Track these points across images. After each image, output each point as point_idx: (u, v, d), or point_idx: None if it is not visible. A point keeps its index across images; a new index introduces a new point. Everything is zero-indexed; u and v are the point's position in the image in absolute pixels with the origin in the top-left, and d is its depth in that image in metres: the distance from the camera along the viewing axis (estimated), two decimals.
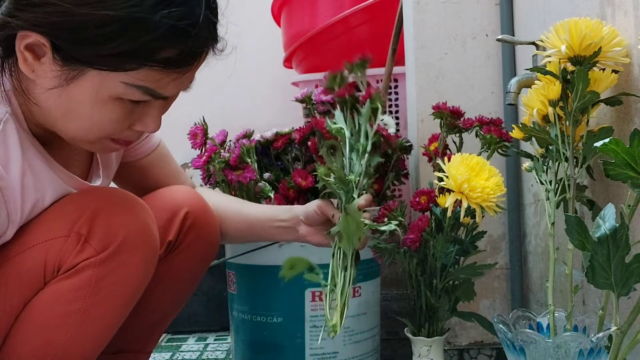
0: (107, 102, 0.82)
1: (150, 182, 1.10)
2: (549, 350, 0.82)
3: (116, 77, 0.80)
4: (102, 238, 0.86)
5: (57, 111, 0.84)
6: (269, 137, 1.45)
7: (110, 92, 0.81)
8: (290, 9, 1.99)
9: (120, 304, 0.90)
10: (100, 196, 0.91)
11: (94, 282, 0.86)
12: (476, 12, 1.45)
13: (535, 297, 1.38)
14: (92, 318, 0.87)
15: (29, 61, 0.81)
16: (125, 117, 0.84)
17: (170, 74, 0.81)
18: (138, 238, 0.89)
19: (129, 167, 1.10)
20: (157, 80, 0.81)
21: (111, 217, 0.87)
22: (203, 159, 1.39)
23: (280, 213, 1.10)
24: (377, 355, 1.39)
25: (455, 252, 1.15)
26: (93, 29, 0.77)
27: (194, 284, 1.13)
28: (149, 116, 0.86)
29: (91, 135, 0.86)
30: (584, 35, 0.84)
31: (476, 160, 1.02)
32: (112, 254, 0.86)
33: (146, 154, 1.10)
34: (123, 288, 0.89)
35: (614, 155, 0.69)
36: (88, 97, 0.81)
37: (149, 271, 0.93)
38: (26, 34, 0.79)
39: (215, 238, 1.11)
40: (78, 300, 0.86)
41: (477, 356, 1.46)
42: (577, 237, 0.75)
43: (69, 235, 0.86)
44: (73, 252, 0.86)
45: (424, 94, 1.45)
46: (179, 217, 1.04)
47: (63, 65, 0.80)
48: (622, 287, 0.73)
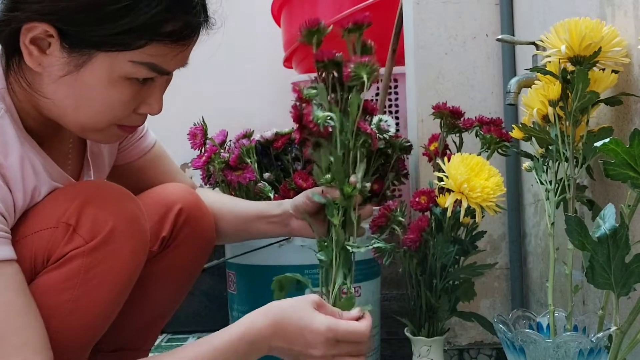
0: (117, 83, 0.84)
1: (148, 184, 1.10)
2: (549, 350, 0.82)
3: (124, 56, 0.82)
4: (90, 227, 0.86)
5: (68, 100, 0.85)
6: (269, 137, 1.45)
7: (119, 72, 0.83)
8: (290, 9, 1.99)
9: (110, 294, 0.90)
10: (89, 187, 0.91)
11: (84, 272, 0.86)
12: (476, 12, 1.45)
13: (535, 297, 1.38)
14: (83, 308, 0.87)
15: (35, 55, 0.82)
16: (133, 97, 0.86)
17: (175, 48, 0.84)
18: (127, 227, 0.89)
19: (125, 170, 1.11)
20: (163, 55, 0.84)
21: (99, 207, 0.88)
22: (203, 159, 1.39)
23: (272, 209, 1.10)
24: (377, 355, 1.39)
25: (455, 252, 1.15)
26: (103, 7, 0.79)
27: (191, 280, 1.13)
28: (152, 96, 0.88)
29: (101, 121, 0.87)
30: (584, 35, 0.84)
31: (476, 160, 1.02)
32: (100, 243, 0.87)
33: (141, 154, 1.10)
34: (113, 277, 0.89)
35: (614, 155, 0.69)
36: (99, 80, 0.83)
37: (139, 261, 0.93)
38: (32, 26, 0.80)
39: (210, 234, 1.11)
40: (68, 289, 0.86)
41: (477, 356, 1.46)
42: (577, 237, 0.75)
43: (57, 226, 0.86)
44: (62, 242, 0.86)
45: (424, 94, 1.45)
46: (173, 213, 1.04)
47: (71, 51, 0.81)
48: (622, 287, 0.73)
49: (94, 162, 1.03)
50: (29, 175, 0.86)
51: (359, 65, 0.96)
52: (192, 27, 0.85)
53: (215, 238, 1.13)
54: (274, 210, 1.09)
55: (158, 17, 0.81)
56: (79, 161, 1.01)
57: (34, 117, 0.89)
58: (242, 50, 2.17)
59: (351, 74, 0.95)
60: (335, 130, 0.95)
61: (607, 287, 0.74)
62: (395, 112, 1.88)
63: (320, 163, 0.99)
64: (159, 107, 0.90)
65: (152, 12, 0.80)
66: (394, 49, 1.70)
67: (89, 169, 1.01)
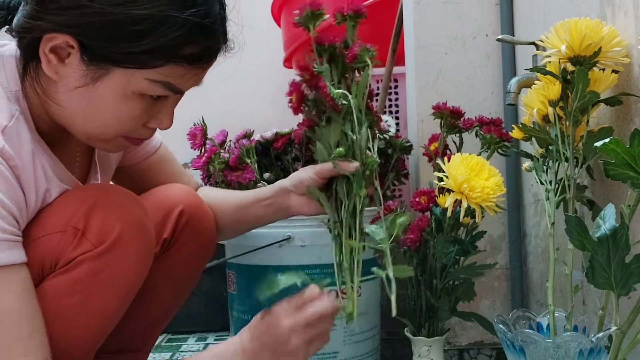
0: (130, 99, 0.85)
1: (152, 185, 1.11)
2: (549, 350, 0.82)
3: (141, 74, 0.83)
4: (98, 232, 0.87)
5: (79, 110, 0.86)
6: (269, 137, 1.45)
7: (134, 88, 0.84)
8: (290, 9, 1.99)
9: (117, 298, 0.90)
10: (96, 191, 0.92)
11: (91, 276, 0.87)
12: (476, 12, 1.45)
13: (535, 297, 1.38)
14: (89, 312, 0.88)
15: (53, 63, 0.83)
16: (144, 113, 0.87)
17: (192, 70, 0.85)
18: (134, 232, 0.90)
19: (131, 171, 1.11)
20: (180, 76, 0.85)
21: (107, 212, 0.88)
22: (203, 160, 1.39)
23: (264, 192, 1.09)
24: (377, 355, 1.39)
25: (455, 252, 1.15)
26: (127, 27, 0.80)
27: (192, 282, 1.13)
28: (163, 112, 0.89)
29: (109, 133, 0.88)
30: (584, 35, 0.84)
31: (476, 160, 1.02)
32: (108, 247, 0.87)
33: (147, 156, 1.11)
34: (120, 281, 0.89)
35: (614, 155, 0.69)
36: (113, 95, 0.84)
37: (146, 264, 0.93)
38: (53, 36, 0.81)
39: (211, 236, 1.11)
40: (75, 294, 0.86)
41: (477, 356, 1.46)
42: (577, 237, 0.75)
43: (65, 230, 0.87)
44: (70, 247, 0.86)
45: (424, 94, 1.45)
46: (174, 215, 1.05)
47: (90, 64, 0.82)
48: (622, 287, 0.73)
49: (101, 165, 1.03)
50: (41, 177, 0.87)
51: (363, 49, 0.96)
52: (212, 51, 0.87)
53: (215, 239, 1.13)
54: (266, 194, 1.08)
55: (179, 40, 0.82)
56: (87, 164, 1.01)
57: (45, 121, 0.90)
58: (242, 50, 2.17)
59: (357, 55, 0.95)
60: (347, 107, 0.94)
61: (607, 287, 0.74)
62: (395, 112, 1.88)
63: (330, 139, 0.96)
64: (168, 123, 0.91)
65: (173, 35, 0.81)
66: (394, 49, 1.71)
67: (96, 172, 1.02)
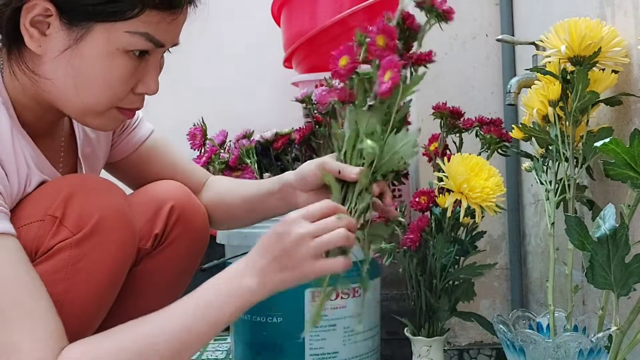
0: (114, 57, 0.86)
1: (149, 179, 1.10)
2: (549, 350, 0.82)
3: (120, 27, 0.84)
4: (76, 219, 0.87)
5: (68, 79, 0.86)
6: (268, 138, 1.45)
7: (116, 43, 0.85)
8: (290, 9, 1.98)
9: (100, 286, 0.90)
10: (74, 181, 0.92)
11: (71, 264, 0.86)
12: (476, 12, 1.45)
13: (535, 297, 1.38)
14: (73, 300, 0.87)
15: (35, 37, 0.84)
16: (130, 74, 0.88)
17: (167, 17, 0.87)
18: (113, 219, 0.89)
19: (123, 165, 1.10)
20: (155, 24, 0.86)
21: (85, 199, 0.88)
22: (203, 160, 1.39)
23: (274, 186, 1.06)
24: (377, 355, 1.39)
25: (455, 252, 1.15)
26: None
27: (185, 280, 1.13)
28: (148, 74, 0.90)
29: (102, 103, 0.88)
30: (584, 35, 0.84)
31: (476, 160, 1.02)
32: (87, 234, 0.87)
33: (137, 145, 1.10)
34: (102, 269, 0.89)
35: (614, 155, 0.69)
36: (97, 53, 0.85)
37: (128, 253, 0.93)
38: (32, 4, 0.83)
39: (203, 233, 1.10)
40: (57, 282, 0.86)
41: (477, 356, 1.46)
42: (577, 237, 0.75)
43: (43, 219, 0.87)
44: (49, 235, 0.86)
45: (424, 94, 1.45)
46: (165, 211, 1.05)
47: (70, 26, 0.84)
48: (622, 287, 0.73)
49: (88, 163, 1.03)
50: (22, 163, 0.87)
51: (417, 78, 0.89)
52: None
53: (208, 236, 1.12)
54: (276, 185, 1.07)
55: None
56: (72, 162, 1.01)
57: (30, 109, 0.90)
58: (242, 50, 2.17)
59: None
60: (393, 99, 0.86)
61: (607, 287, 0.74)
62: None
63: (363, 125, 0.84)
64: (155, 86, 0.91)
65: None
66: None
67: (81, 170, 1.02)
